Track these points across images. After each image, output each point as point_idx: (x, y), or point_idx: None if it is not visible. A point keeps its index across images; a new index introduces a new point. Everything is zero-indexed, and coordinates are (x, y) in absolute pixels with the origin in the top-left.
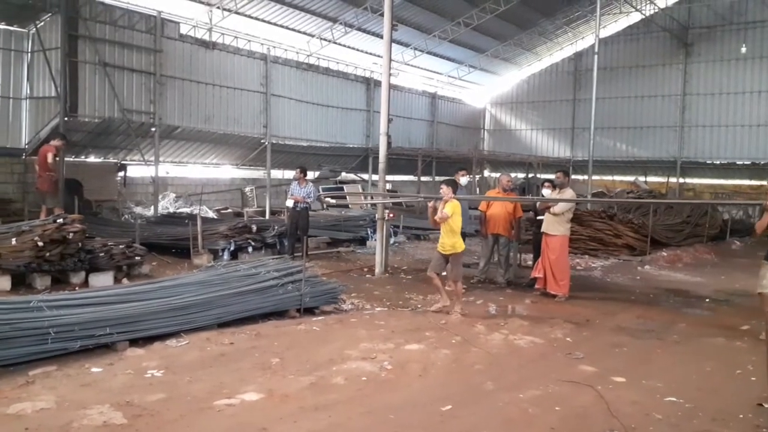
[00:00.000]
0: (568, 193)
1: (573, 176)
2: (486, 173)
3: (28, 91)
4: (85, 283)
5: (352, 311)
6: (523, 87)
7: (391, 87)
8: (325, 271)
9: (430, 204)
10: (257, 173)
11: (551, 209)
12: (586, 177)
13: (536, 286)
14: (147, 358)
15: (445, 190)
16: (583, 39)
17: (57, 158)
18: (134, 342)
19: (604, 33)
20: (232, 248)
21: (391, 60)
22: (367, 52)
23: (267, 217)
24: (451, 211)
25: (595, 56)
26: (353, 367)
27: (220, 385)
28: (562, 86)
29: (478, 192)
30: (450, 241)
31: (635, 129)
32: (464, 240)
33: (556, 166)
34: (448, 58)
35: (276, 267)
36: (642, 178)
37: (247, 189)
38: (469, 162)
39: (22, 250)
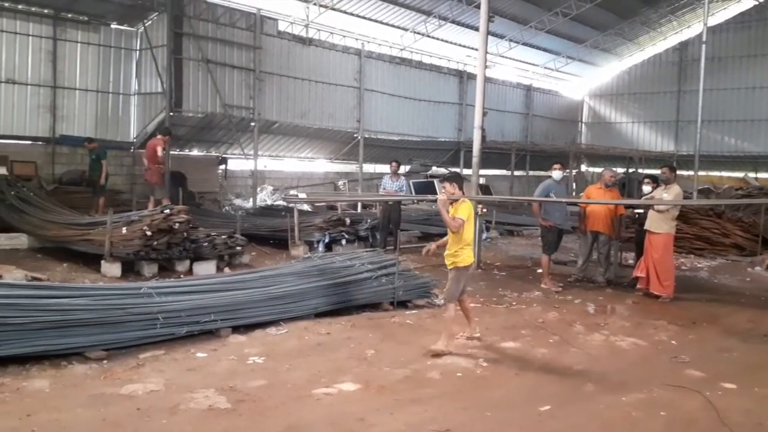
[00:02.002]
0: (675, 190)
1: (678, 172)
2: (583, 168)
3: (137, 88)
4: (190, 271)
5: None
6: (624, 78)
7: (486, 80)
8: (417, 265)
9: (442, 201)
10: (350, 167)
11: (655, 206)
12: (691, 173)
13: (638, 286)
14: (248, 345)
15: (449, 189)
16: (689, 28)
17: (165, 151)
18: (236, 329)
19: (713, 21)
20: (326, 240)
21: (486, 52)
22: (460, 45)
23: (359, 210)
24: (465, 214)
25: (703, 46)
26: (448, 363)
27: (318, 373)
28: (665, 77)
29: (574, 187)
30: (454, 251)
31: (746, 122)
32: (560, 237)
33: (658, 161)
34: (545, 49)
35: (370, 260)
36: (752, 174)
37: (340, 182)
38: (565, 156)
39: (131, 238)
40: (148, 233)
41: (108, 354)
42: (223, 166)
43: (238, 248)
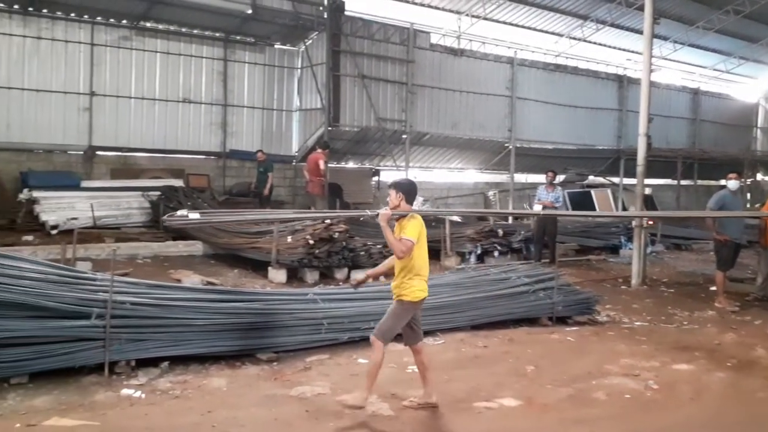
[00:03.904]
0: None
1: None
2: (759, 177)
3: (298, 104)
4: (347, 279)
5: (609, 324)
6: None
7: (650, 84)
8: (575, 279)
9: (383, 216)
10: (500, 177)
11: None
12: None
13: None
14: (408, 354)
15: (394, 199)
16: None
17: (325, 164)
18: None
19: None
20: (478, 251)
21: (651, 56)
22: (619, 49)
23: (510, 221)
24: (415, 234)
25: None
26: (614, 383)
27: (477, 387)
28: None
29: (749, 198)
30: (399, 280)
31: None
32: (737, 253)
33: None
34: (713, 50)
35: (527, 273)
36: None
37: (490, 193)
38: (739, 164)
39: (295, 247)
40: (311, 242)
41: (278, 356)
42: (376, 178)
43: None
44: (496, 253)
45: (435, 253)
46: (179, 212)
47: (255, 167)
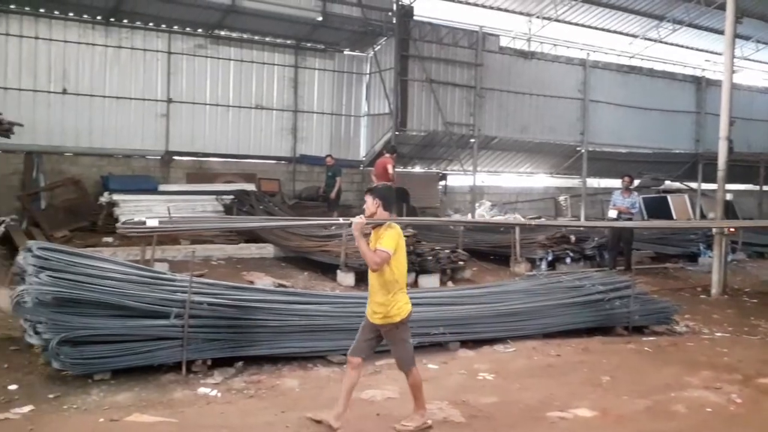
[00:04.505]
0: None
1: None
2: None
3: (366, 109)
4: (415, 283)
5: (687, 334)
6: None
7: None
8: (652, 288)
9: (357, 225)
10: (572, 182)
11: None
12: None
13: None
14: (477, 361)
15: (370, 206)
16: None
17: (394, 169)
18: (464, 343)
19: None
20: (550, 258)
21: (733, 56)
22: (697, 49)
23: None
24: (392, 245)
25: None
26: (694, 396)
27: (551, 396)
28: None
29: None
30: (381, 299)
31: None
32: None
33: None
34: None
35: (601, 281)
36: None
37: (561, 198)
38: None
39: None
40: None
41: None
42: (443, 182)
43: (461, 263)
44: (568, 260)
45: (504, 260)
46: (136, 218)
47: (324, 172)
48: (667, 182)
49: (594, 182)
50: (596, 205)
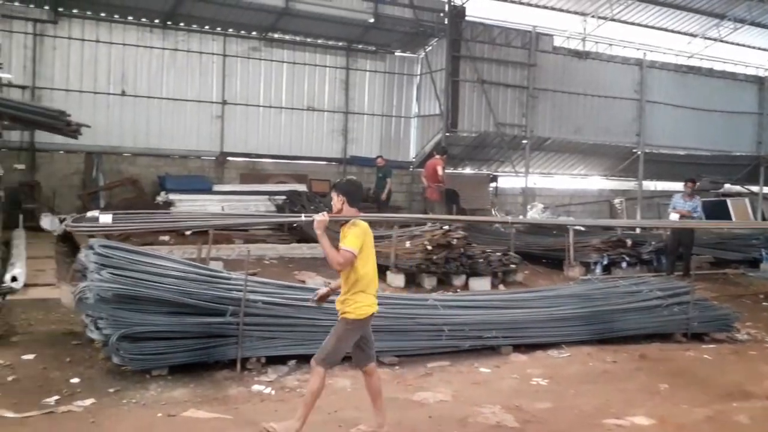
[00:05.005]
0: None
1: None
2: None
3: (417, 110)
4: (465, 286)
5: (749, 342)
6: None
7: None
8: (711, 294)
9: (319, 223)
10: (627, 184)
11: None
12: None
13: None
14: (531, 365)
15: (336, 203)
16: None
17: (444, 170)
18: (517, 347)
19: None
20: (605, 262)
21: None
22: (759, 48)
23: (637, 231)
24: (357, 244)
25: None
26: (758, 406)
27: (607, 403)
28: None
29: None
30: (342, 296)
31: None
32: None
33: None
34: None
35: (659, 286)
36: None
37: (616, 201)
38: None
39: (414, 252)
40: (429, 248)
41: (399, 360)
42: (494, 184)
43: (512, 266)
44: (623, 264)
45: (557, 263)
46: (89, 214)
47: (374, 173)
48: (727, 185)
49: (650, 185)
50: (653, 208)
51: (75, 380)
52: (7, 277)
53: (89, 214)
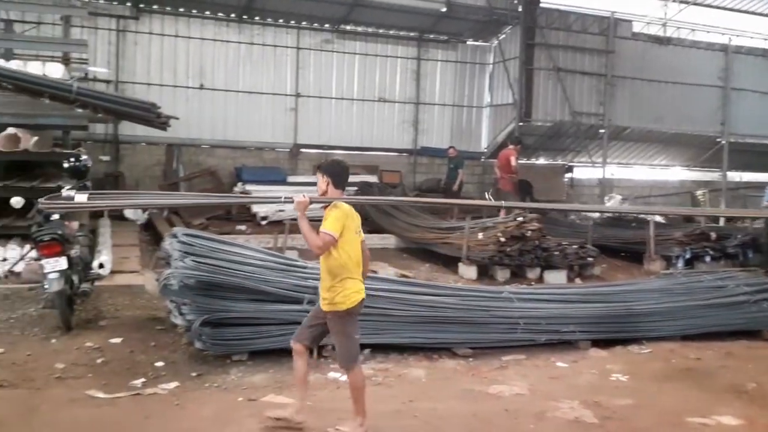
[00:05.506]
0: None
1: None
2: None
3: (489, 100)
4: (540, 279)
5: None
6: None
7: None
8: None
9: (299, 204)
10: (710, 175)
11: None
12: None
13: None
14: (610, 361)
15: (321, 184)
16: None
17: (517, 161)
18: (595, 342)
19: None
20: (687, 256)
21: None
22: None
23: (721, 224)
24: (337, 227)
25: None
26: None
27: (690, 401)
28: None
29: None
30: (327, 284)
31: None
32: None
33: None
34: None
35: (746, 281)
36: None
37: (699, 192)
38: None
39: (486, 244)
40: (502, 239)
41: (473, 352)
42: (569, 175)
43: (589, 259)
44: (707, 259)
45: (636, 257)
46: (64, 193)
47: (445, 163)
48: None
49: (735, 176)
50: (738, 200)
51: (159, 364)
52: (95, 264)
53: (64, 193)
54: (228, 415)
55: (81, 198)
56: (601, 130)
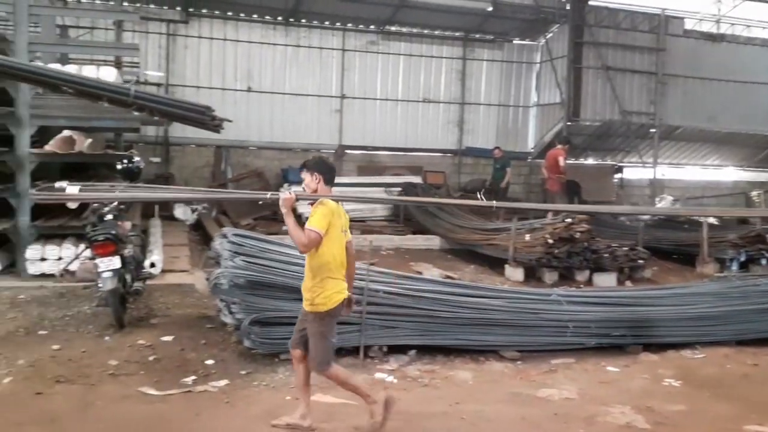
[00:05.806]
0: None
1: None
2: None
3: (536, 99)
4: (589, 282)
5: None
6: None
7: None
8: None
9: (286, 201)
10: (766, 175)
11: None
12: None
13: None
14: (662, 366)
15: (308, 181)
16: None
17: (565, 161)
18: (647, 347)
19: None
20: (742, 259)
21: None
22: None
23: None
24: (323, 224)
25: None
26: None
27: (747, 408)
28: None
29: None
30: (308, 284)
31: None
32: None
33: None
34: None
35: None
36: None
37: (754, 193)
38: None
39: (533, 245)
40: (550, 241)
41: (521, 355)
42: (618, 175)
43: (640, 261)
44: (763, 261)
45: (689, 259)
46: (57, 185)
47: (490, 164)
48: None
49: None
50: None
51: (210, 362)
52: (147, 263)
53: (57, 185)
54: (276, 413)
55: (72, 189)
56: (652, 130)
